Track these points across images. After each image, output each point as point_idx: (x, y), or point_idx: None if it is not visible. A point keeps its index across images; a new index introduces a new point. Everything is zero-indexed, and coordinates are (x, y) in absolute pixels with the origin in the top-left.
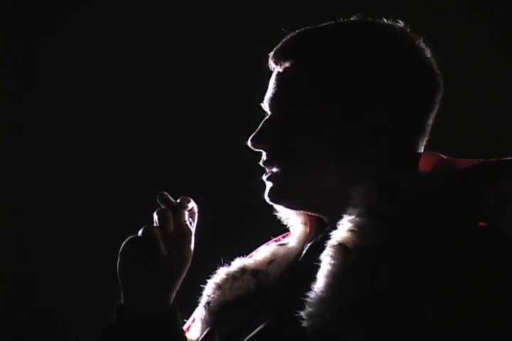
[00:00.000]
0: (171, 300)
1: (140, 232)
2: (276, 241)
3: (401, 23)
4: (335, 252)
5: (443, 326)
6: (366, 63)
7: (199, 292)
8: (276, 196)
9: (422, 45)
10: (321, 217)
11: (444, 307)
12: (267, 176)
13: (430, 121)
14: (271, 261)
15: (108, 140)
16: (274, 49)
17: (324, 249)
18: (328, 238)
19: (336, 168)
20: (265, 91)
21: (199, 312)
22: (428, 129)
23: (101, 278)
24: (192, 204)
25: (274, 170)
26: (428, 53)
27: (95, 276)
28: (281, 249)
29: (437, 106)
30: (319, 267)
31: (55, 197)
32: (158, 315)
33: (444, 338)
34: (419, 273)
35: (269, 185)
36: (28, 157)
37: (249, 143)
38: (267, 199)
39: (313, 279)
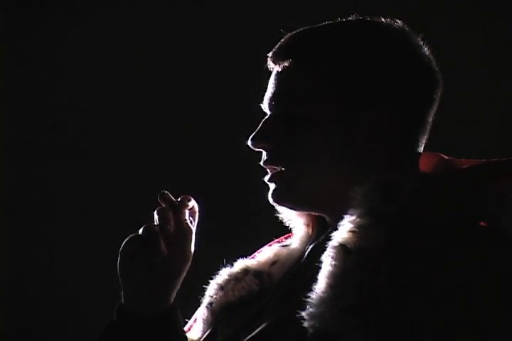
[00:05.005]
0: (171, 300)
1: (140, 231)
2: (278, 242)
3: (399, 22)
4: (336, 253)
5: (443, 326)
6: (364, 61)
7: (201, 292)
8: (280, 197)
9: (421, 42)
10: (324, 216)
11: (443, 307)
12: (269, 177)
13: (430, 119)
14: (274, 262)
15: (109, 139)
16: (273, 49)
17: (326, 250)
18: (330, 239)
19: (337, 166)
20: (265, 91)
21: (201, 313)
22: (428, 127)
23: (101, 276)
24: (192, 203)
25: (275, 169)
26: (427, 50)
27: (95, 275)
28: (284, 250)
29: (437, 104)
30: (321, 268)
31: (55, 196)
32: (158, 314)
33: (444, 338)
34: (419, 274)
35: (272, 186)
36: (28, 157)
37: (249, 143)
38: (271, 201)
39: (315, 280)
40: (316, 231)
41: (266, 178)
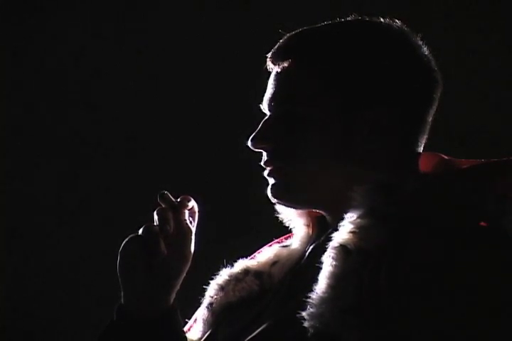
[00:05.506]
0: (171, 300)
1: (140, 231)
2: (278, 242)
3: (398, 22)
4: (336, 253)
5: (443, 326)
6: (364, 60)
7: (201, 292)
8: (279, 193)
9: (420, 42)
10: (324, 214)
11: (444, 307)
12: (268, 172)
13: (429, 118)
14: (274, 262)
15: (109, 139)
16: (272, 49)
17: (326, 251)
18: (330, 239)
19: (337, 166)
20: (265, 91)
21: (201, 313)
22: (427, 126)
23: (101, 276)
24: (192, 204)
25: (275, 166)
26: (426, 50)
27: (95, 275)
28: (284, 251)
29: (436, 103)
30: (321, 268)
31: (55, 196)
32: (157, 314)
33: (444, 338)
34: (420, 274)
35: (271, 181)
36: (27, 157)
37: (249, 143)
38: (270, 196)
39: (316, 280)
40: (316, 232)
41: (265, 173)
